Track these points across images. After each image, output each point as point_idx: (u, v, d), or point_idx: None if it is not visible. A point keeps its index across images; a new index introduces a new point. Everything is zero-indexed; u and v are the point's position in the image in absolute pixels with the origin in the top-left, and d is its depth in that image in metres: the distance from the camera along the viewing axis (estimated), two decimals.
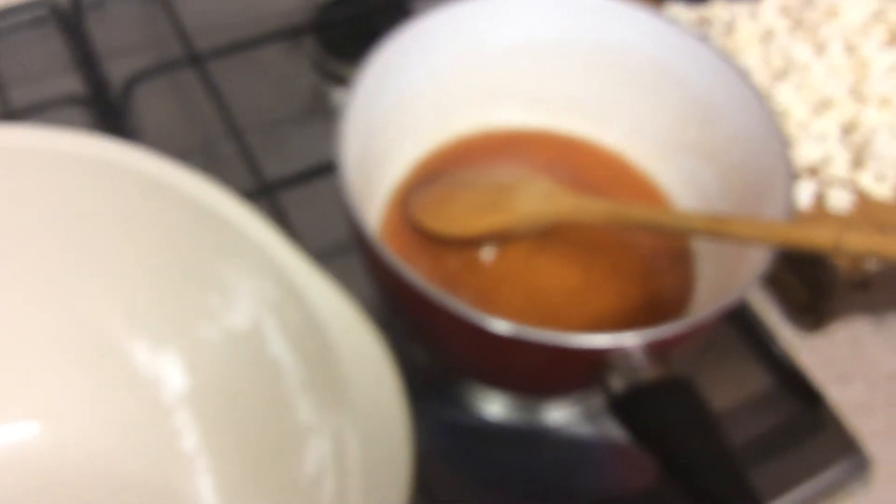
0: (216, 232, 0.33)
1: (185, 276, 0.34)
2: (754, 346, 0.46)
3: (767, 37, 0.54)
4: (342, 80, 0.53)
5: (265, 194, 0.47)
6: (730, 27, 0.55)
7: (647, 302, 0.42)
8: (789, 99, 0.51)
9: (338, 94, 0.54)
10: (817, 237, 0.35)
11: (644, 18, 0.44)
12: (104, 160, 0.34)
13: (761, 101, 0.41)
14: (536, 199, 0.42)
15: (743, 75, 0.42)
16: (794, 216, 0.38)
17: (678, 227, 0.39)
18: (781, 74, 0.53)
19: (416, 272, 0.41)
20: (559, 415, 0.44)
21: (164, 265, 0.35)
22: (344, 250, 0.45)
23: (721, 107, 0.43)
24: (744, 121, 0.42)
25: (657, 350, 0.35)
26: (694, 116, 0.44)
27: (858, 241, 0.34)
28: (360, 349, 0.32)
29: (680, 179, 0.45)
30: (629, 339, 0.34)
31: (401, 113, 0.44)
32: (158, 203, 0.34)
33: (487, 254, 0.43)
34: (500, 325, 0.34)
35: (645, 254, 0.44)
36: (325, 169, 0.46)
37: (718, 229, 0.38)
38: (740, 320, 0.47)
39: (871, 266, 0.46)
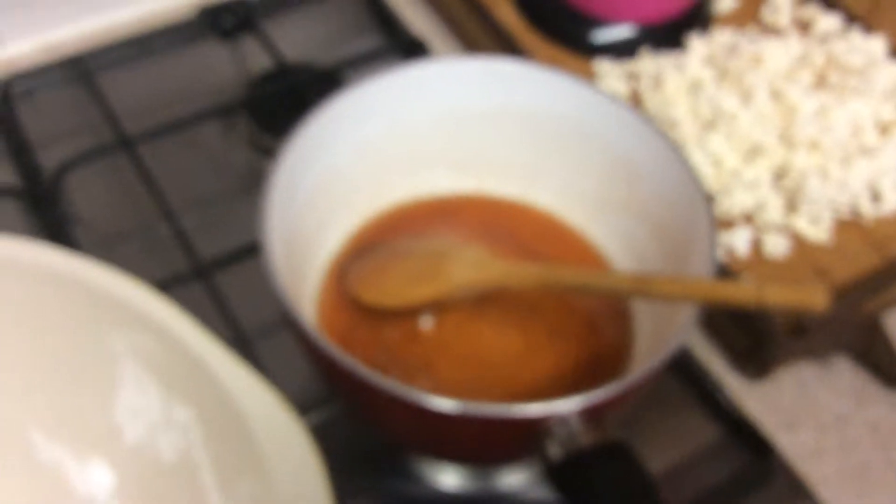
0: (125, 328, 0.34)
1: (94, 376, 0.34)
2: (700, 397, 0.47)
3: (695, 88, 0.55)
4: None
5: (201, 276, 0.47)
6: (657, 80, 0.56)
7: (588, 361, 0.42)
8: (720, 148, 0.52)
9: None
10: (739, 293, 0.36)
11: (568, 85, 0.44)
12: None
13: (681, 159, 0.42)
14: (468, 267, 0.42)
15: (663, 135, 0.43)
16: (721, 268, 0.38)
17: (606, 289, 0.40)
18: (711, 124, 0.54)
19: (352, 350, 0.42)
20: (514, 479, 0.44)
21: (74, 366, 0.34)
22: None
23: (644, 166, 0.44)
24: (666, 179, 0.43)
25: (595, 414, 0.35)
26: (620, 176, 0.45)
27: (778, 295, 0.35)
28: (281, 436, 0.33)
29: (612, 236, 0.46)
30: (564, 406, 0.34)
31: (332, 185, 0.45)
32: (59, 300, 0.34)
33: (426, 323, 0.43)
34: (441, 403, 0.34)
35: (583, 312, 0.44)
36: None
37: (644, 289, 0.39)
38: (684, 370, 0.47)
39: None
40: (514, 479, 0.44)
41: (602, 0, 0.57)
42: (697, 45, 0.57)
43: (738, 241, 0.50)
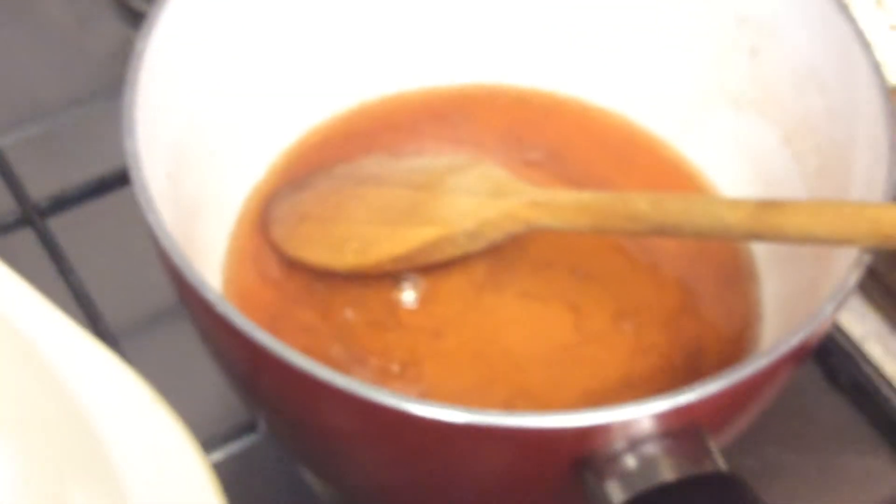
0: None
1: None
2: (862, 403, 0.47)
3: None
4: None
5: (32, 224, 0.47)
6: None
7: (681, 358, 0.42)
8: None
9: None
10: None
11: None
12: None
13: (842, 14, 0.41)
14: (476, 195, 0.42)
15: None
16: None
17: (708, 227, 0.38)
18: None
19: (287, 341, 0.42)
20: None
21: None
22: (170, 311, 0.45)
23: (778, 26, 0.43)
24: (814, 46, 0.42)
25: (684, 428, 0.34)
26: (735, 44, 0.44)
27: None
28: (168, 477, 0.33)
29: (720, 148, 0.46)
30: (634, 412, 0.33)
31: (253, 63, 0.45)
32: None
33: (406, 295, 0.43)
34: (433, 411, 0.32)
35: (673, 274, 0.44)
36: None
37: (771, 225, 0.37)
38: (842, 368, 0.47)
39: None
40: None
41: None
42: None
43: None
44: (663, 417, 0.34)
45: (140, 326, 0.47)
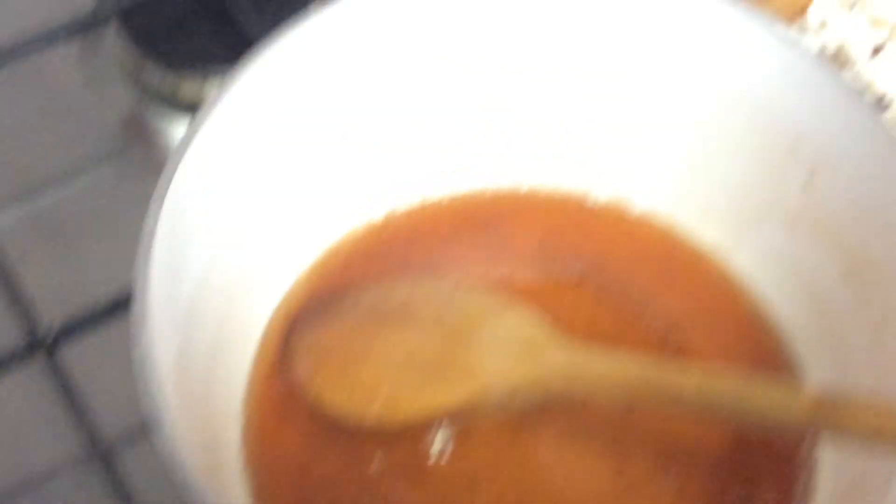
0: None
1: None
2: None
3: None
4: (173, 99, 0.52)
5: (39, 350, 0.45)
6: None
7: None
8: None
9: (166, 128, 0.52)
10: None
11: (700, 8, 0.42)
12: None
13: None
14: (508, 357, 0.41)
15: (860, 99, 0.41)
16: None
17: (758, 420, 0.38)
18: None
19: (314, 498, 0.40)
20: None
21: None
22: None
23: (836, 151, 0.42)
24: (874, 178, 0.40)
25: None
26: (794, 159, 0.43)
27: None
28: None
29: (775, 272, 0.44)
30: None
31: (271, 186, 0.42)
32: None
33: (438, 438, 0.41)
34: None
35: (721, 427, 0.42)
36: None
37: (832, 424, 0.36)
38: None
39: None
40: None
41: None
42: None
43: None
44: None
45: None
